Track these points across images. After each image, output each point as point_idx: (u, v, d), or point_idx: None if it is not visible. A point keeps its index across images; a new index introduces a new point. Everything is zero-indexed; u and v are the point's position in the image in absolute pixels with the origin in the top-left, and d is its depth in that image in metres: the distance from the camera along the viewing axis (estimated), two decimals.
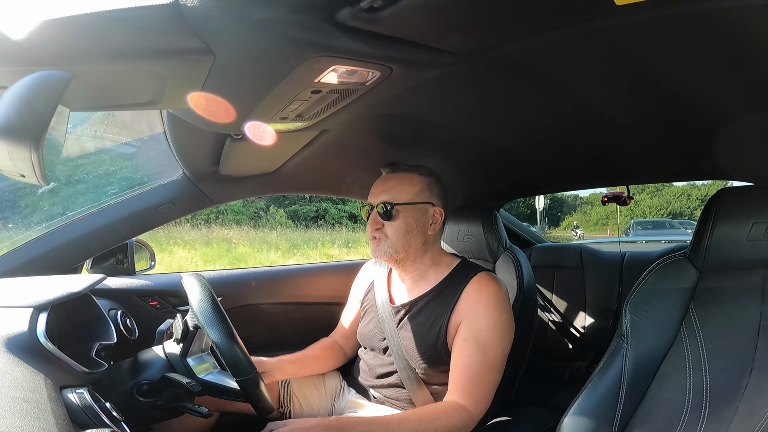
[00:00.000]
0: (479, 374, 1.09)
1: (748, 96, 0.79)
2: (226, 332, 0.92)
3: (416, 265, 1.25)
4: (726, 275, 0.99)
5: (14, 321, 0.77)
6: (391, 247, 1.21)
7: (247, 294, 1.72)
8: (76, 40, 0.52)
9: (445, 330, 1.15)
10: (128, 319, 1.30)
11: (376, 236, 1.22)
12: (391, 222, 1.20)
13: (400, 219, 1.20)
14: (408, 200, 1.21)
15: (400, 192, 1.21)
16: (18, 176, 0.54)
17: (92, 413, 0.81)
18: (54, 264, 1.25)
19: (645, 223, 15.68)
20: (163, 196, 1.36)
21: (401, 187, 1.21)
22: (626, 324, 1.04)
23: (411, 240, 1.21)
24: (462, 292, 1.17)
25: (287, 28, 0.52)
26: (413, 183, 1.22)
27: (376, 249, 1.23)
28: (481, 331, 1.11)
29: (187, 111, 0.82)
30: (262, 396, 0.96)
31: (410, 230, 1.20)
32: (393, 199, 1.20)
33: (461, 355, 1.11)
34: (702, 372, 0.95)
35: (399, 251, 1.21)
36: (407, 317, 1.23)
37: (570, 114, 0.97)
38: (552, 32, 0.59)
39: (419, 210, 1.22)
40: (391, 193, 1.21)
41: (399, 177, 1.23)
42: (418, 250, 1.24)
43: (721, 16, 0.54)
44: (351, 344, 1.45)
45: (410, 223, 1.20)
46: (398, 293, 1.31)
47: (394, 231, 1.20)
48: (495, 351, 1.11)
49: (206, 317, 0.93)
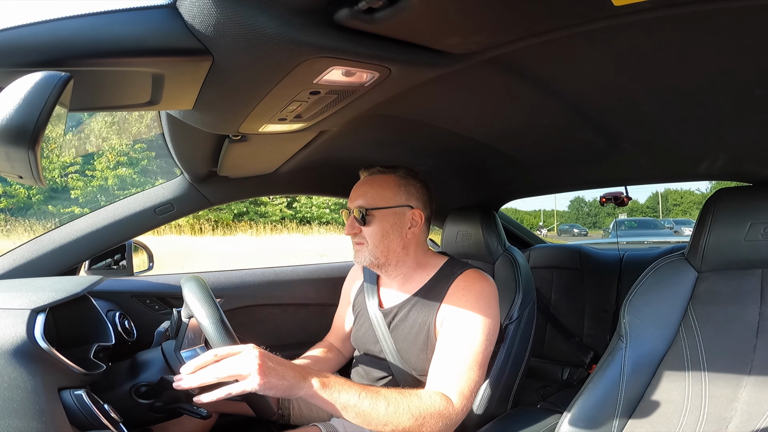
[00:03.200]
0: (461, 368, 1.04)
1: (747, 96, 0.79)
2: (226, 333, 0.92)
3: (399, 268, 1.23)
4: (724, 276, 1.00)
5: (12, 322, 0.77)
6: (371, 253, 1.19)
7: (247, 295, 1.72)
8: (74, 41, 0.52)
9: (433, 329, 1.14)
10: (126, 321, 1.30)
11: (356, 241, 1.21)
12: (366, 227, 1.18)
13: (376, 224, 1.17)
14: (383, 204, 1.18)
15: (375, 196, 1.18)
16: (16, 177, 0.54)
17: (90, 415, 0.81)
18: (52, 265, 1.25)
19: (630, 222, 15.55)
20: (161, 198, 1.36)
21: (375, 190, 1.19)
22: (625, 325, 1.04)
23: (389, 244, 1.19)
24: (448, 290, 1.15)
25: (286, 29, 0.52)
26: (388, 186, 1.20)
27: (357, 254, 1.21)
28: (464, 325, 1.08)
29: (185, 112, 0.82)
30: (261, 397, 0.96)
31: (387, 234, 1.18)
32: (367, 204, 1.18)
33: (443, 348, 1.08)
34: (701, 372, 0.95)
35: (378, 256, 1.19)
36: (397, 320, 1.22)
37: (569, 115, 0.97)
38: (551, 33, 0.59)
39: (395, 213, 1.19)
40: (365, 197, 1.19)
41: (373, 180, 1.21)
42: (399, 254, 1.21)
43: (720, 17, 0.55)
44: (346, 346, 1.44)
45: (386, 227, 1.18)
46: (387, 296, 1.29)
47: (371, 236, 1.18)
48: (478, 346, 1.06)
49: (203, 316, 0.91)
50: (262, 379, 0.81)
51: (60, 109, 0.49)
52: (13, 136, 0.46)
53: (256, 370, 0.81)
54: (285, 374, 0.85)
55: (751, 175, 1.19)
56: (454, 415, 0.98)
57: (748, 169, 1.17)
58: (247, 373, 0.82)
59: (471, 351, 1.05)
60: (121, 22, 0.54)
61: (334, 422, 1.22)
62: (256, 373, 0.81)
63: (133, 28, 0.54)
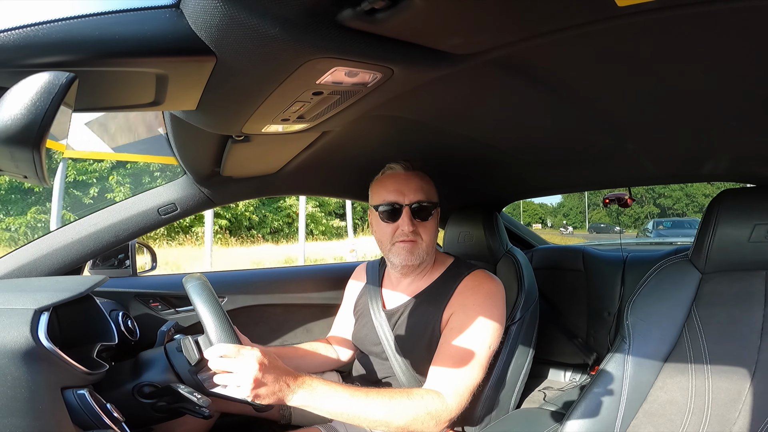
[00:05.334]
0: (462, 366, 1.03)
1: (751, 97, 0.78)
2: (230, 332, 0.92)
3: (423, 266, 1.23)
4: (728, 277, 0.99)
5: (16, 322, 0.77)
6: (425, 251, 1.16)
7: (249, 295, 1.72)
8: (79, 41, 0.53)
9: (439, 328, 1.13)
10: (129, 320, 1.30)
11: (411, 239, 1.15)
12: (426, 223, 1.16)
13: (433, 220, 1.18)
14: (436, 200, 1.19)
15: (429, 191, 1.18)
16: (20, 177, 0.54)
17: (93, 414, 0.81)
18: (55, 265, 1.25)
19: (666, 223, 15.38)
20: (164, 198, 1.36)
21: (428, 185, 1.19)
22: (628, 326, 1.04)
23: (434, 241, 1.20)
24: (456, 289, 1.15)
25: (289, 30, 0.52)
26: (431, 182, 1.21)
27: (411, 253, 1.16)
28: (469, 323, 1.07)
29: (188, 112, 0.82)
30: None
31: (436, 232, 1.20)
32: (427, 198, 1.16)
33: (446, 344, 1.07)
34: (704, 374, 0.95)
35: (430, 253, 1.18)
36: (401, 320, 1.21)
37: (572, 116, 0.97)
38: (554, 34, 0.59)
39: (438, 211, 1.21)
40: (423, 192, 1.16)
41: (420, 176, 1.20)
42: (433, 252, 1.23)
43: (724, 17, 0.54)
44: (343, 348, 1.43)
45: (436, 224, 1.20)
46: (391, 297, 1.29)
47: (429, 233, 1.16)
48: (481, 346, 1.06)
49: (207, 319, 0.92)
50: (253, 392, 0.84)
51: (64, 109, 0.50)
52: (18, 136, 0.46)
53: (250, 381, 0.84)
54: (276, 388, 0.87)
55: (755, 177, 1.18)
56: (446, 414, 0.99)
57: (753, 171, 1.17)
58: (240, 382, 0.84)
59: (474, 350, 1.05)
60: (125, 22, 0.54)
61: (335, 423, 1.22)
62: (248, 384, 0.84)
63: (138, 28, 0.55)
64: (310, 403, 0.92)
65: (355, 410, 0.94)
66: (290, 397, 0.90)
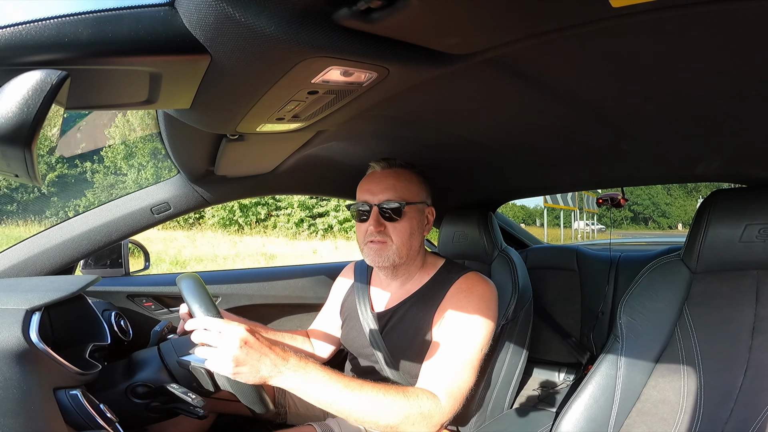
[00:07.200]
0: (455, 368, 1.02)
1: (743, 98, 0.79)
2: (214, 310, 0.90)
3: (407, 268, 1.20)
4: (719, 277, 1.00)
5: (7, 322, 0.77)
6: (395, 253, 1.12)
7: (244, 295, 1.72)
8: (71, 39, 0.52)
9: (430, 331, 1.11)
10: (122, 320, 1.29)
11: (379, 240, 1.12)
12: (395, 223, 1.11)
13: (405, 220, 1.12)
14: (412, 199, 1.13)
15: (404, 190, 1.12)
16: (11, 176, 0.54)
17: (86, 414, 0.81)
18: (47, 265, 1.24)
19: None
20: (157, 197, 1.35)
21: (403, 184, 1.13)
22: (621, 325, 1.04)
23: (412, 243, 1.14)
24: (448, 292, 1.12)
25: (284, 29, 0.52)
26: (414, 181, 1.16)
27: (379, 255, 1.12)
28: (462, 326, 1.06)
29: (182, 111, 0.82)
30: (256, 395, 0.96)
31: (413, 232, 1.13)
32: (398, 198, 1.11)
33: (439, 347, 1.05)
34: (696, 373, 0.96)
35: (402, 255, 1.13)
36: (391, 324, 1.19)
37: (567, 116, 0.97)
38: (549, 34, 0.60)
39: (419, 210, 1.16)
40: (394, 191, 1.12)
41: (398, 173, 1.15)
42: (415, 254, 1.18)
43: (717, 18, 0.55)
44: (321, 343, 1.39)
45: (413, 224, 1.13)
46: (380, 299, 1.26)
47: (399, 233, 1.11)
48: (473, 348, 1.04)
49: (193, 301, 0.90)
50: (234, 369, 0.80)
51: (56, 108, 0.49)
52: (9, 134, 0.46)
53: (230, 359, 0.80)
54: (259, 367, 0.83)
55: (747, 177, 1.19)
56: (439, 415, 0.96)
57: (744, 171, 1.18)
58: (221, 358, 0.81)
59: (467, 352, 1.04)
60: (118, 20, 0.54)
61: (329, 422, 1.22)
62: (228, 361, 0.80)
63: (131, 26, 0.54)
64: (299, 387, 0.86)
65: (346, 402, 0.89)
66: (277, 379, 0.85)
